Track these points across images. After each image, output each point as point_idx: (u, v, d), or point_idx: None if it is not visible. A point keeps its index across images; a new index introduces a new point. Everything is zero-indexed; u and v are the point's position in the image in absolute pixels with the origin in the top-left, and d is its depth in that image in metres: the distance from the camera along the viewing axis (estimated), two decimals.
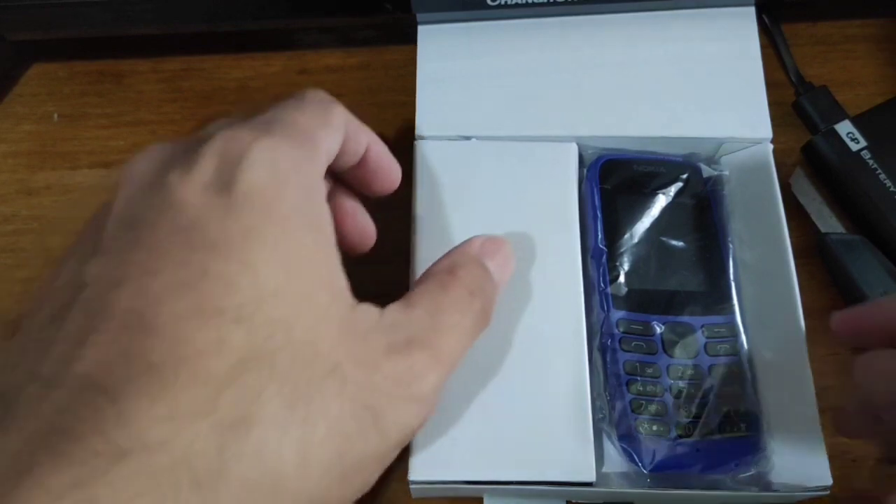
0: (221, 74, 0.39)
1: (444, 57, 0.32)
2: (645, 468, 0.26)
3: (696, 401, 0.27)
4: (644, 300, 0.28)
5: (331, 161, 0.21)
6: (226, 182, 0.17)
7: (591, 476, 0.25)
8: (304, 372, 0.17)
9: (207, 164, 0.18)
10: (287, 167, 0.18)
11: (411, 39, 0.33)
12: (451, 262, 0.22)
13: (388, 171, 0.25)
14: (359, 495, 0.18)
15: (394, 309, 0.20)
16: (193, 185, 0.17)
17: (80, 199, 0.37)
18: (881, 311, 0.23)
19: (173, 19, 0.36)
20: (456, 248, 0.23)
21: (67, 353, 0.16)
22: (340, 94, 0.38)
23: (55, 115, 0.39)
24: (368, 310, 0.19)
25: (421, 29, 0.33)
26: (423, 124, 0.31)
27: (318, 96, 0.22)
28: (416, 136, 0.31)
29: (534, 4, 0.32)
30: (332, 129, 0.21)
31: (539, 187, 0.29)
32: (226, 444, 0.15)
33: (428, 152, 0.30)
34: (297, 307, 0.17)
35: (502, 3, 0.32)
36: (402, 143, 0.31)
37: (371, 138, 0.24)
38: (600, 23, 0.33)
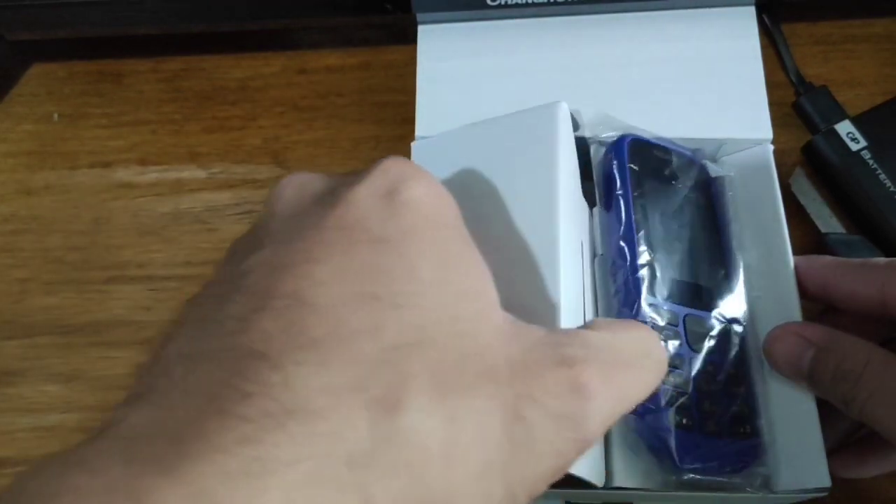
0: (221, 74, 0.39)
1: (444, 57, 0.32)
2: (679, 463, 0.25)
3: (710, 399, 0.26)
4: (671, 290, 0.28)
5: None
6: (391, 192, 0.18)
7: (601, 480, 0.24)
8: (455, 366, 0.16)
9: (375, 178, 0.19)
10: (442, 192, 0.19)
11: (411, 39, 0.33)
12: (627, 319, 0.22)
13: None
14: None
15: (567, 329, 0.19)
16: (361, 192, 0.18)
17: (79, 199, 0.37)
18: (814, 265, 0.27)
19: (173, 19, 0.37)
20: None
21: (230, 328, 0.16)
22: (340, 94, 0.39)
23: (55, 115, 0.39)
24: (533, 326, 0.19)
25: (421, 29, 0.33)
26: (423, 124, 0.31)
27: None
28: (416, 137, 0.31)
29: (534, 4, 0.32)
30: None
31: (519, 164, 0.27)
32: (376, 424, 0.15)
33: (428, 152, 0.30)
34: (452, 303, 0.17)
35: (502, 3, 0.32)
36: (403, 143, 0.31)
37: None
38: (600, 23, 0.33)
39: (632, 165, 0.29)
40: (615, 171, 0.29)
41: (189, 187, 0.37)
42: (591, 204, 0.30)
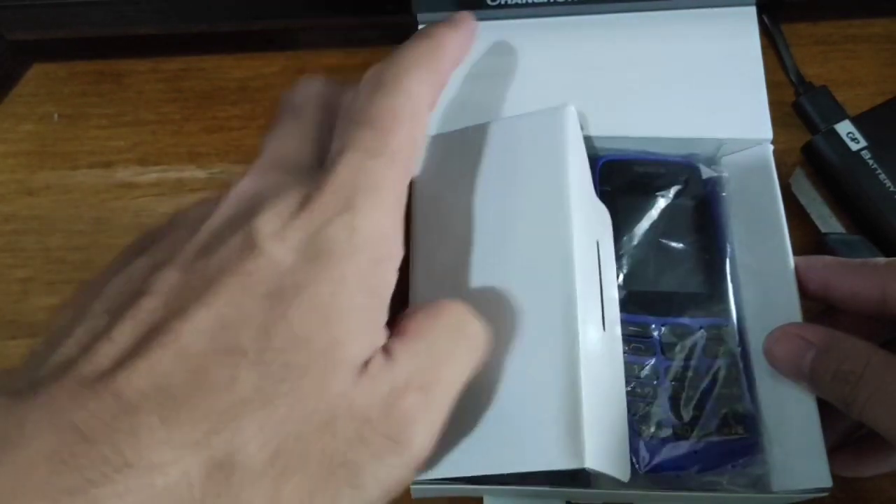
0: (221, 74, 0.39)
1: None
2: (641, 469, 0.26)
3: (694, 402, 0.27)
4: (643, 302, 0.28)
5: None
6: (303, 243, 0.18)
7: (580, 462, 0.23)
8: (296, 424, 0.17)
9: (298, 227, 0.19)
10: (367, 239, 0.19)
11: None
12: (437, 302, 0.21)
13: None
14: None
15: (397, 346, 0.20)
16: (274, 238, 0.18)
17: (80, 199, 0.37)
18: (815, 266, 0.27)
19: (173, 19, 0.37)
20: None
21: (107, 360, 0.16)
22: None
23: (55, 115, 0.39)
24: (381, 357, 0.19)
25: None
26: None
27: (391, 103, 0.21)
28: None
29: (534, 4, 0.32)
30: (419, 154, 0.22)
31: (529, 165, 0.27)
32: (210, 483, 0.16)
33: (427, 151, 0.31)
34: (319, 354, 0.18)
35: (502, 3, 0.32)
36: None
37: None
38: (600, 23, 0.33)
39: (604, 188, 0.30)
40: None
41: (189, 187, 0.37)
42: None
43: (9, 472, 0.14)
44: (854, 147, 0.33)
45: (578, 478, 0.28)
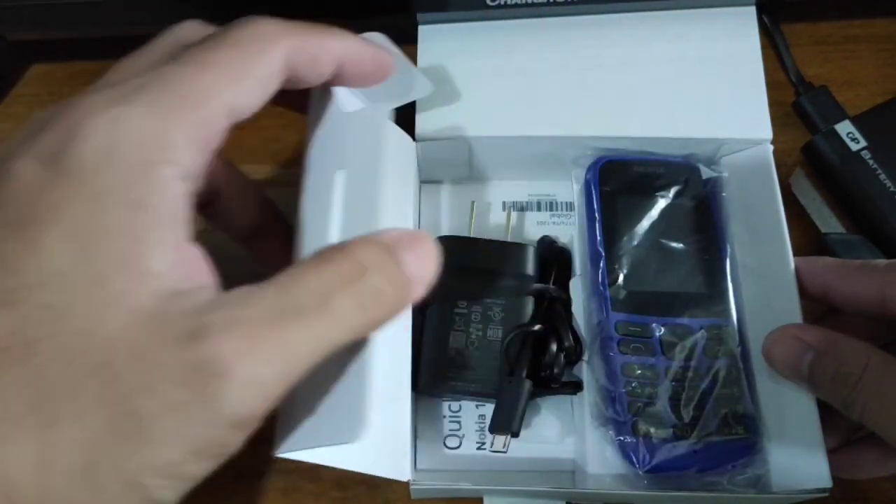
0: None
1: (444, 57, 0.32)
2: (641, 469, 0.26)
3: (694, 402, 0.27)
4: (643, 302, 0.28)
5: (241, 116, 0.20)
6: (55, 155, 0.17)
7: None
8: (63, 368, 0.15)
9: (48, 136, 0.17)
10: (127, 140, 0.17)
11: (411, 39, 0.33)
12: (347, 242, 0.18)
13: (372, 73, 0.23)
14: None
15: (239, 289, 0.17)
16: (27, 156, 0.17)
17: None
18: (815, 267, 0.27)
19: (174, 19, 0.36)
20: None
21: None
22: None
23: None
24: (196, 293, 0.17)
25: (421, 29, 0.33)
26: (422, 124, 0.31)
27: (252, 33, 0.20)
28: (416, 136, 0.31)
29: (534, 4, 0.32)
30: (249, 83, 0.19)
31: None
32: None
33: (428, 152, 0.31)
34: (80, 291, 0.16)
35: (502, 3, 0.32)
36: None
37: (344, 50, 0.22)
38: (600, 23, 0.33)
39: (604, 188, 0.30)
40: (585, 196, 0.30)
41: None
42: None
43: None
44: (854, 147, 0.33)
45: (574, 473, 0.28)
